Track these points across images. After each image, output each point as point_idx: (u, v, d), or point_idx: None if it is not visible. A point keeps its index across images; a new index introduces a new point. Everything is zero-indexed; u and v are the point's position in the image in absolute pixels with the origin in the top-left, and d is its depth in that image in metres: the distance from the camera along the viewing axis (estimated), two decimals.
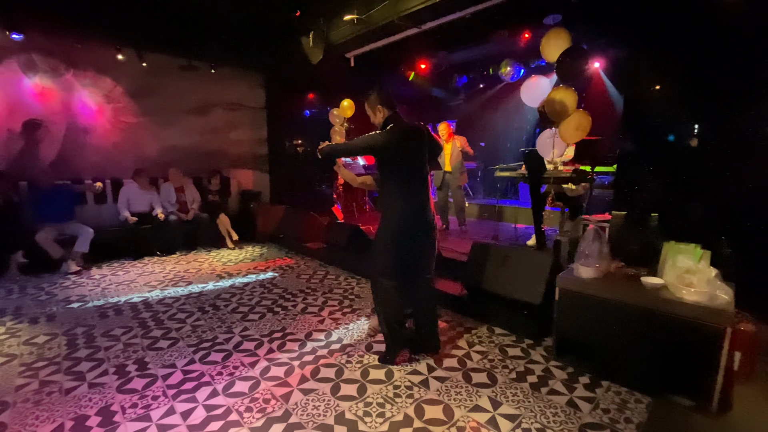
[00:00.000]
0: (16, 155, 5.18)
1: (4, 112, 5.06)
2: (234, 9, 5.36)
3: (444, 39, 5.57)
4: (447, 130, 5.62)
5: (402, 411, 2.07)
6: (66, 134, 5.53)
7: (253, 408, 2.09)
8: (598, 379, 2.37)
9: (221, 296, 3.84)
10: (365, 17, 4.90)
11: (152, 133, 6.25)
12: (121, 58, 5.68)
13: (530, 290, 2.94)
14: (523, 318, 2.96)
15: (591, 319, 2.44)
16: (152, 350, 2.74)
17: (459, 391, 2.26)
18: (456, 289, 3.56)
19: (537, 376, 2.41)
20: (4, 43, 4.89)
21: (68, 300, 3.75)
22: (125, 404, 2.12)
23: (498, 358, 2.63)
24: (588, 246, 2.56)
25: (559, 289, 2.59)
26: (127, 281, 4.33)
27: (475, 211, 7.20)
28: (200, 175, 6.40)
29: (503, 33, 5.64)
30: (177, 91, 6.40)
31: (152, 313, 3.42)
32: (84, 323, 3.20)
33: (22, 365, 2.54)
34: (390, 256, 2.48)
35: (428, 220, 2.52)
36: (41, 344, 2.83)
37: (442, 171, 5.64)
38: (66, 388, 2.28)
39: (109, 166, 5.87)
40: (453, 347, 2.79)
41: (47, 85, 5.34)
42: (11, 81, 5.08)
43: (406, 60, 7.04)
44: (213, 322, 3.22)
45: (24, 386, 2.30)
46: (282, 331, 3.05)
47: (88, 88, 5.65)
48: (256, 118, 7.50)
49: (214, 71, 6.55)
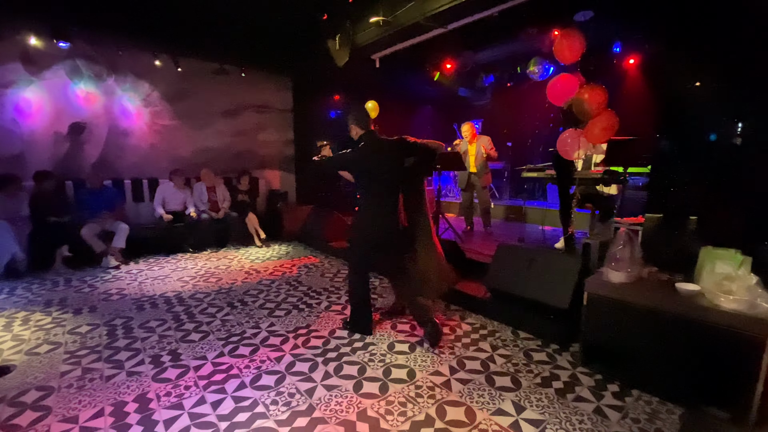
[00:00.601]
0: (63, 156, 5.55)
1: (52, 115, 5.43)
2: (263, 14, 5.51)
3: (470, 38, 5.52)
4: (471, 131, 5.55)
5: (424, 411, 2.08)
6: (107, 136, 5.86)
7: (279, 401, 2.15)
8: (627, 387, 2.29)
9: (249, 292, 3.97)
10: (391, 19, 4.93)
11: (186, 135, 6.53)
12: (158, 63, 5.97)
13: (557, 294, 2.88)
14: (549, 322, 2.90)
15: (621, 326, 2.36)
16: (185, 342, 2.87)
17: (482, 393, 2.24)
18: (479, 291, 3.53)
19: (563, 382, 2.36)
20: (52, 51, 5.24)
21: (108, 293, 3.97)
22: (160, 392, 2.24)
23: (522, 363, 2.59)
24: (619, 250, 2.48)
25: (587, 293, 2.53)
26: (162, 276, 4.54)
27: (501, 212, 7.08)
28: (230, 175, 6.62)
29: (532, 31, 5.52)
30: (209, 95, 6.66)
31: (185, 307, 3.58)
32: (122, 315, 3.39)
33: (67, 353, 2.72)
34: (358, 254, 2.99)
35: (391, 228, 2.90)
36: (84, 334, 3.02)
37: (467, 172, 5.58)
38: (106, 375, 2.43)
39: (146, 166, 6.18)
40: (476, 350, 2.76)
41: (91, 90, 5.68)
42: (58, 86, 5.44)
43: (431, 60, 7.01)
44: (241, 317, 3.33)
45: (68, 373, 2.46)
46: (306, 328, 3.12)
47: (127, 92, 5.97)
48: (283, 120, 7.68)
49: (245, 75, 6.77)
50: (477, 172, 5.51)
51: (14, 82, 5.11)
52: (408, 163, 3.08)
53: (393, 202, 2.91)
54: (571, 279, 2.86)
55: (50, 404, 2.13)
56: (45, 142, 5.40)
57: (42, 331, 3.07)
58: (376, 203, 2.88)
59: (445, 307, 3.58)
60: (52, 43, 5.05)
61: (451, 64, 7.07)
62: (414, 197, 3.27)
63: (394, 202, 2.92)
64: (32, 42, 5.03)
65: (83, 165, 5.69)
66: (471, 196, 5.76)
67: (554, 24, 5.34)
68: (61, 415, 2.04)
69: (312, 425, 1.96)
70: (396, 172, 2.92)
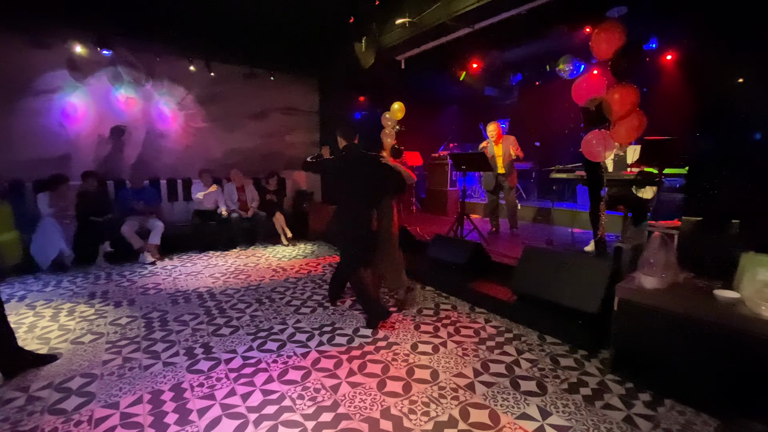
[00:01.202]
0: (105, 157, 5.89)
1: (96, 119, 5.77)
2: (291, 19, 5.65)
3: (498, 37, 5.45)
4: (496, 131, 5.46)
5: (447, 412, 2.08)
6: (145, 138, 6.17)
7: (305, 396, 2.21)
8: (660, 396, 2.21)
9: (276, 289, 4.08)
10: (417, 20, 4.94)
11: (218, 137, 6.78)
12: (193, 68, 6.23)
13: (586, 299, 2.81)
14: (577, 327, 2.83)
15: (653, 333, 2.28)
16: (216, 336, 2.99)
17: (506, 397, 2.22)
18: (504, 294, 3.49)
19: (591, 389, 2.30)
20: (96, 59, 5.57)
21: (146, 287, 4.19)
22: (193, 383, 2.34)
23: (549, 368, 2.54)
24: (653, 254, 2.39)
25: (618, 298, 2.45)
26: (195, 272, 4.74)
27: (528, 214, 6.93)
28: (259, 175, 6.82)
29: (562, 28, 5.39)
30: (240, 98, 6.89)
31: (216, 302, 3.72)
32: (159, 308, 3.57)
33: (108, 342, 2.89)
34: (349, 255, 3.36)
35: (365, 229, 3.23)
36: (124, 325, 3.20)
37: (494, 173, 5.50)
38: (144, 365, 2.57)
39: (180, 167, 6.46)
40: (501, 353, 2.73)
41: (130, 95, 6.00)
42: (101, 92, 5.78)
43: (457, 60, 6.97)
44: (269, 313, 3.43)
45: (110, 361, 2.62)
46: (331, 326, 3.18)
47: (164, 96, 6.26)
48: (310, 122, 7.83)
49: (273, 78, 6.95)
50: (504, 172, 5.43)
51: (61, 88, 5.47)
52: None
53: (365, 207, 3.25)
54: (602, 283, 2.78)
55: (93, 390, 2.28)
56: (89, 144, 5.74)
57: (86, 321, 3.28)
58: (349, 208, 3.26)
59: (469, 309, 3.56)
60: (96, 51, 5.37)
61: (478, 64, 6.99)
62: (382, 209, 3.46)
63: (367, 208, 3.25)
64: (78, 50, 5.37)
65: (123, 166, 6.02)
66: (497, 197, 5.68)
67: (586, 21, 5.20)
68: (103, 401, 2.18)
69: (337, 421, 2.00)
70: (368, 183, 3.25)
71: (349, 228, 3.27)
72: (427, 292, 4.01)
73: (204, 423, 1.98)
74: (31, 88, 5.24)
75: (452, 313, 3.47)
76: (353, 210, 3.24)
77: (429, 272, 4.30)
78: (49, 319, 3.33)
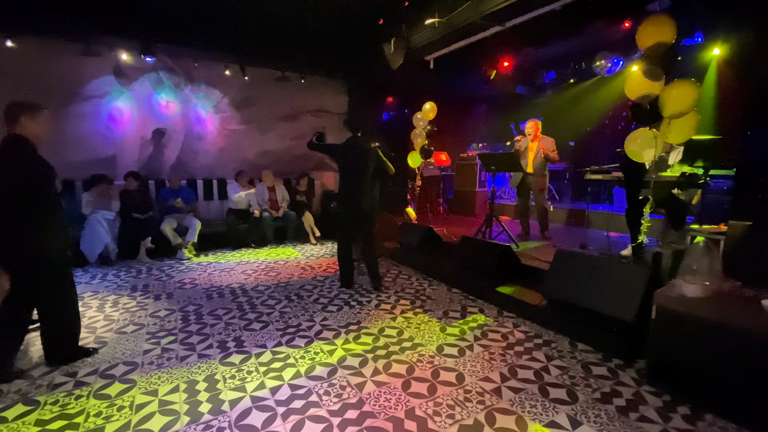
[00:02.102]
0: (147, 158, 6.23)
1: (139, 122, 6.11)
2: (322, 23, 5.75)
3: (530, 35, 5.31)
4: (534, 129, 5.30)
5: (472, 416, 2.06)
6: (184, 140, 6.48)
7: (331, 392, 2.25)
8: (700, 410, 2.09)
9: (304, 287, 4.17)
10: (446, 19, 4.90)
11: (251, 139, 7.01)
12: (228, 73, 6.48)
13: (622, 306, 2.69)
14: (612, 335, 2.72)
15: (694, 343, 2.16)
16: (247, 330, 3.10)
17: (534, 404, 2.17)
18: (535, 298, 3.40)
19: (625, 400, 2.20)
20: (139, 65, 5.91)
21: (182, 282, 4.39)
22: (226, 375, 2.44)
23: (580, 376, 2.46)
24: (696, 260, 2.27)
25: (656, 306, 2.34)
26: (228, 269, 4.93)
27: (562, 216, 6.72)
28: (289, 176, 6.99)
29: (598, 24, 5.19)
30: (272, 101, 7.09)
31: (247, 298, 3.86)
32: (194, 302, 3.74)
33: (148, 333, 3.06)
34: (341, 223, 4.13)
35: (359, 203, 3.95)
36: (162, 317, 3.38)
37: (522, 173, 5.36)
38: (181, 355, 2.70)
39: (216, 167, 6.73)
40: (529, 359, 2.67)
41: (171, 99, 6.31)
42: (144, 96, 6.12)
43: (487, 58, 6.85)
44: (297, 310, 3.52)
45: (149, 351, 2.77)
46: (357, 324, 3.21)
47: (201, 100, 6.54)
48: (338, 123, 7.91)
49: (304, 81, 7.11)
50: (534, 172, 5.28)
51: (108, 93, 5.83)
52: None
53: (362, 185, 3.96)
54: (639, 290, 2.66)
55: (135, 378, 2.42)
56: (133, 146, 6.09)
57: (128, 313, 3.48)
58: (349, 184, 3.99)
59: (497, 313, 3.50)
60: (140, 58, 5.68)
61: (509, 62, 6.85)
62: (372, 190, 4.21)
63: (363, 185, 3.97)
64: (123, 57, 5.71)
65: (163, 166, 6.34)
66: (527, 198, 5.54)
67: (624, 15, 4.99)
68: (144, 388, 2.31)
69: (362, 418, 2.03)
70: (365, 166, 3.98)
71: (344, 201, 4.01)
72: (453, 295, 3.98)
73: (235, 414, 2.06)
74: (82, 93, 5.63)
75: (479, 316, 3.42)
76: (349, 186, 3.97)
77: (455, 274, 4.26)
78: (95, 309, 3.56)
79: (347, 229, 4.10)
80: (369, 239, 4.09)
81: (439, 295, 3.97)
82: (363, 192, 3.97)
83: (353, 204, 3.96)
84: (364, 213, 4.00)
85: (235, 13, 5.47)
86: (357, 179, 3.96)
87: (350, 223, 4.06)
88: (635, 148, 3.17)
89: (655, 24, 2.96)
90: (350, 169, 3.98)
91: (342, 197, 4.05)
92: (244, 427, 1.96)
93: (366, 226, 4.07)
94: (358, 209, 3.96)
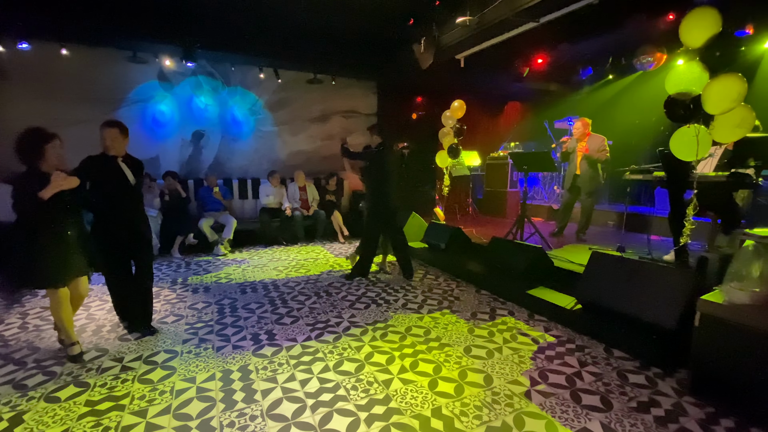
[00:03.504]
0: (186, 159, 6.55)
1: (180, 124, 6.44)
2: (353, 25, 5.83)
3: (566, 30, 5.15)
4: (582, 128, 5.12)
5: (500, 418, 2.03)
6: (221, 142, 6.76)
7: (358, 387, 2.29)
8: (745, 424, 1.96)
9: (333, 284, 4.25)
10: (478, 17, 4.84)
11: (283, 140, 7.22)
12: (262, 76, 6.70)
13: (663, 312, 2.57)
14: (651, 343, 2.60)
15: (742, 353, 2.02)
16: (279, 324, 3.20)
17: (565, 409, 2.11)
18: (568, 302, 3.29)
19: (664, 410, 2.10)
20: (181, 70, 6.23)
21: (218, 276, 4.59)
22: (258, 366, 2.54)
23: (615, 383, 2.36)
24: (745, 265, 2.13)
25: (700, 313, 2.21)
26: (261, 265, 5.10)
27: (598, 218, 6.44)
28: (319, 176, 7.14)
29: (640, 17, 4.95)
30: (304, 103, 7.27)
31: (279, 293, 3.98)
32: (229, 296, 3.90)
33: (187, 324, 3.22)
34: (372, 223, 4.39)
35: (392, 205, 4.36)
36: (200, 309, 3.55)
37: (573, 173, 5.18)
38: (217, 346, 2.83)
39: (250, 168, 6.98)
40: (561, 363, 2.60)
41: (209, 102, 6.60)
42: (184, 100, 6.44)
43: (520, 56, 6.69)
44: (326, 307, 3.60)
45: (188, 341, 2.92)
46: (384, 322, 3.24)
47: (237, 103, 6.80)
48: (368, 124, 7.99)
49: (335, 82, 7.23)
50: (581, 174, 5.09)
51: (152, 97, 6.19)
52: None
53: (393, 188, 4.32)
54: (682, 296, 2.53)
55: (175, 365, 2.56)
56: (174, 147, 6.43)
57: (169, 304, 3.68)
58: (382, 188, 4.29)
59: (528, 316, 3.42)
60: (182, 63, 5.99)
61: (543, 58, 6.66)
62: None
63: (393, 189, 4.33)
64: (167, 63, 6.03)
65: (201, 166, 6.64)
66: (574, 199, 5.32)
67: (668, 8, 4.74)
68: (183, 375, 2.44)
69: (388, 414, 2.05)
70: (395, 170, 4.37)
71: (378, 204, 4.33)
72: (482, 296, 3.92)
73: (267, 403, 2.14)
74: (129, 98, 6.01)
75: (509, 318, 3.36)
76: (383, 190, 4.30)
77: (484, 276, 4.20)
78: None
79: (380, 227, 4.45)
80: (402, 233, 4.50)
81: (468, 296, 3.93)
82: (393, 195, 4.35)
83: (387, 203, 4.32)
84: (395, 211, 4.42)
85: (269, 18, 5.65)
86: (390, 183, 4.31)
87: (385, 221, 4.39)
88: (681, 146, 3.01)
89: (699, 17, 2.80)
90: (384, 173, 4.30)
91: (375, 201, 4.36)
92: (275, 416, 2.04)
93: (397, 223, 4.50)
94: (391, 214, 4.36)
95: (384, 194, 4.29)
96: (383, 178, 4.28)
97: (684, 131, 3.00)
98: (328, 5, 5.20)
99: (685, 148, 3.02)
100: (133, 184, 2.96)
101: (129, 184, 2.93)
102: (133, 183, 2.96)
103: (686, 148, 3.02)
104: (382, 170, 4.27)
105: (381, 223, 4.35)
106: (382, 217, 4.31)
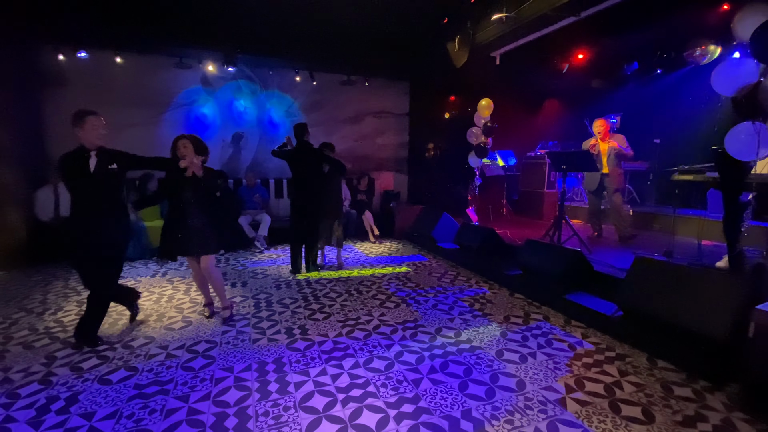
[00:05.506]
0: (227, 159, 6.84)
1: (221, 126, 6.74)
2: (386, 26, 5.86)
3: (608, 23, 4.92)
4: (603, 128, 4.95)
5: (533, 424, 1.98)
6: (259, 143, 7.00)
7: (388, 385, 2.31)
8: None
9: (364, 283, 4.30)
10: (515, 13, 4.73)
11: (317, 141, 7.30)
12: (298, 79, 6.89)
13: (713, 321, 2.40)
14: (699, 354, 2.44)
15: None
16: (311, 320, 3.29)
17: (603, 419, 2.02)
18: (608, 308, 3.15)
19: (712, 426, 1.96)
20: (222, 75, 6.52)
21: (255, 272, 4.77)
22: (292, 359, 2.62)
23: (659, 395, 2.24)
24: None
25: (755, 324, 2.05)
26: None
27: (643, 221, 6.11)
28: (351, 176, 7.23)
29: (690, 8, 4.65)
30: (338, 104, 7.40)
31: (312, 290, 4.08)
32: (265, 291, 4.04)
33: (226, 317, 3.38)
34: (293, 217, 4.71)
35: (305, 202, 4.59)
36: (238, 303, 3.71)
37: (599, 173, 5.00)
38: (253, 338, 2.95)
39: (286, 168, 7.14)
40: (599, 372, 2.49)
41: (248, 105, 6.87)
42: (225, 103, 6.73)
43: (559, 52, 6.46)
44: (357, 304, 3.65)
45: (227, 332, 3.06)
46: (414, 322, 3.24)
47: (274, 106, 7.03)
48: (399, 124, 8.03)
49: (368, 83, 7.30)
50: (609, 173, 4.91)
51: (196, 101, 6.52)
52: (325, 169, 4.69)
53: (311, 186, 4.57)
54: (734, 305, 2.35)
55: (214, 355, 2.69)
56: (215, 149, 6.73)
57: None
58: (299, 185, 4.59)
59: (564, 322, 3.31)
60: (223, 68, 6.27)
61: (583, 54, 6.39)
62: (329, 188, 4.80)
63: (311, 186, 4.57)
64: (209, 68, 6.33)
65: (241, 167, 6.92)
66: (600, 199, 5.16)
67: None
68: (221, 364, 2.56)
69: (417, 413, 2.05)
70: (312, 169, 4.58)
71: (294, 199, 4.66)
72: (515, 300, 3.83)
73: (299, 395, 2.21)
74: (175, 102, 6.36)
75: (544, 324, 3.26)
76: (299, 188, 4.59)
77: (518, 279, 4.09)
78: (183, 292, 4.01)
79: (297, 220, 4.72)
80: (314, 233, 4.85)
81: (500, 299, 3.85)
82: (310, 191, 4.65)
83: (301, 203, 4.64)
84: (309, 206, 4.70)
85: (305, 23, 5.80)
86: (309, 180, 4.63)
87: (300, 214, 4.68)
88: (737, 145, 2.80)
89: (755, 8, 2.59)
90: (300, 171, 4.62)
91: (293, 196, 4.74)
92: (307, 408, 2.10)
93: (313, 219, 4.78)
94: (307, 208, 4.66)
95: (299, 190, 4.58)
96: (297, 175, 4.60)
97: (740, 129, 2.79)
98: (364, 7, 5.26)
99: (743, 147, 2.81)
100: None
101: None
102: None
103: (743, 146, 2.81)
104: (298, 168, 4.59)
105: (298, 215, 4.61)
106: (297, 211, 4.60)
